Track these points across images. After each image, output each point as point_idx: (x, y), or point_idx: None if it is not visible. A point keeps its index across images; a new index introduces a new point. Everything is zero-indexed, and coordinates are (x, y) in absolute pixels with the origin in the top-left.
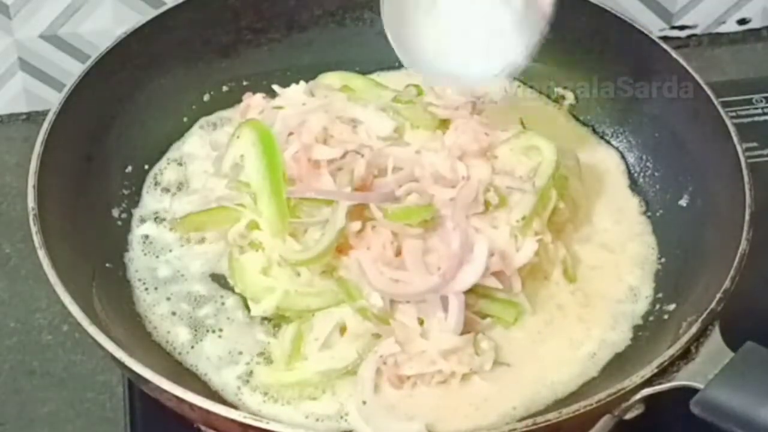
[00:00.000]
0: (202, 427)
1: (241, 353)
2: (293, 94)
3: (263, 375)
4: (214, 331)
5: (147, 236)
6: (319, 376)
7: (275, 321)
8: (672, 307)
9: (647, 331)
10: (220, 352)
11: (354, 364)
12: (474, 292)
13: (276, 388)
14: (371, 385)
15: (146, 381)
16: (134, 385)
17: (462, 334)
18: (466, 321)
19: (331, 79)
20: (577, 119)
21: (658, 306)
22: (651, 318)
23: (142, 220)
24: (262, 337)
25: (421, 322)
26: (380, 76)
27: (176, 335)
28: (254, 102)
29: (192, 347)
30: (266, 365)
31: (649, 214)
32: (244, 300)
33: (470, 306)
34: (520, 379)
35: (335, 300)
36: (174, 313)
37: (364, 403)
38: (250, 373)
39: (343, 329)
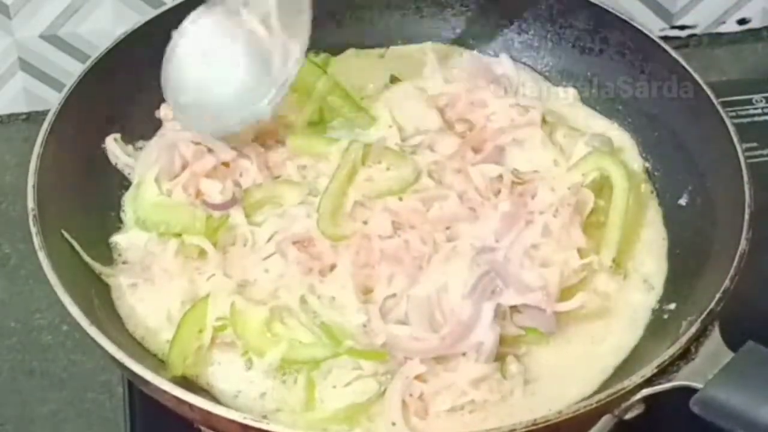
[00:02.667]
0: (203, 428)
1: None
2: None
3: (285, 418)
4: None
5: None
6: (343, 412)
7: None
8: (672, 306)
9: (647, 331)
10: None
11: (377, 395)
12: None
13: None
14: (399, 406)
15: (145, 382)
16: (134, 385)
17: None
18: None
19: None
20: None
21: (658, 305)
22: (651, 317)
23: None
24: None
25: None
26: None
27: None
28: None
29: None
30: (285, 412)
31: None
32: None
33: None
34: (549, 385)
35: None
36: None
37: (394, 424)
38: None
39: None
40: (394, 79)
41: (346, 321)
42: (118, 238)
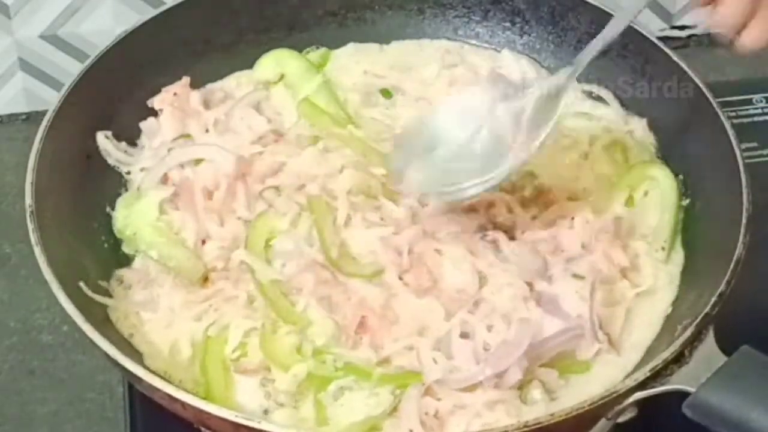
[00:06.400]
0: (203, 428)
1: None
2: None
3: None
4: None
5: None
6: (358, 426)
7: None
8: (668, 310)
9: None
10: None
11: (392, 406)
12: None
13: None
14: (416, 414)
15: (138, 379)
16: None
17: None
18: None
19: (267, 69)
20: None
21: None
22: None
23: None
24: None
25: None
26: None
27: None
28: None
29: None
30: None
31: None
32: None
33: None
34: (572, 391)
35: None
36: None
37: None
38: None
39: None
40: (386, 93)
41: (366, 357)
42: (122, 271)
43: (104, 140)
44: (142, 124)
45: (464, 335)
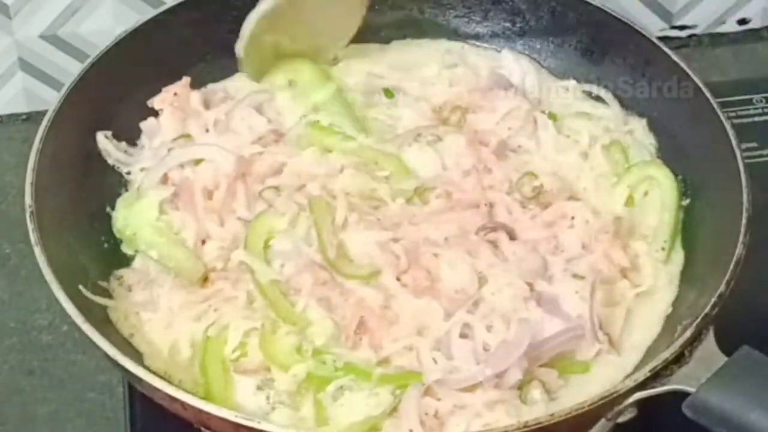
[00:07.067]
0: (203, 428)
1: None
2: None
3: None
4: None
5: None
6: (358, 426)
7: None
8: (668, 310)
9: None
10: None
11: (391, 406)
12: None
13: None
14: (416, 414)
15: (139, 379)
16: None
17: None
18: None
19: (277, 75)
20: None
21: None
22: None
23: None
24: None
25: None
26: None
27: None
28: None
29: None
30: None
31: None
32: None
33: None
34: (572, 391)
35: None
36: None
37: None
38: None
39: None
40: (388, 93)
41: (366, 357)
42: (122, 272)
43: (104, 140)
44: (142, 124)
45: (464, 335)
